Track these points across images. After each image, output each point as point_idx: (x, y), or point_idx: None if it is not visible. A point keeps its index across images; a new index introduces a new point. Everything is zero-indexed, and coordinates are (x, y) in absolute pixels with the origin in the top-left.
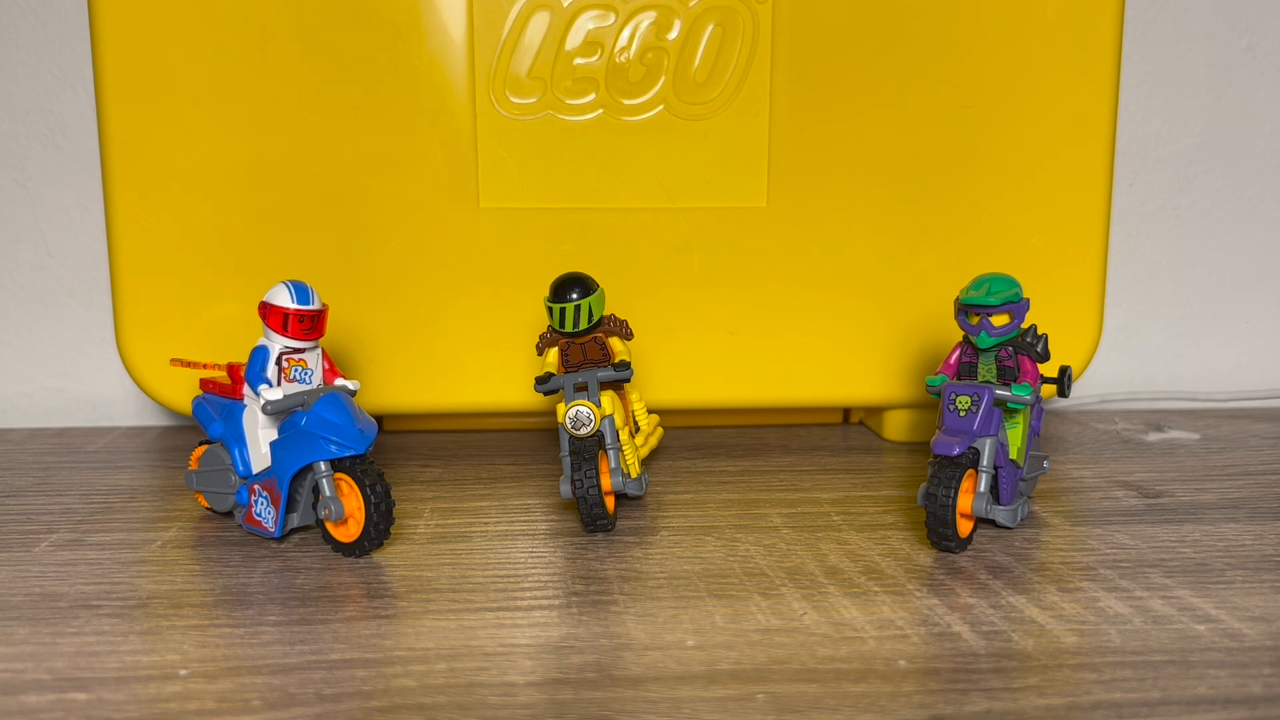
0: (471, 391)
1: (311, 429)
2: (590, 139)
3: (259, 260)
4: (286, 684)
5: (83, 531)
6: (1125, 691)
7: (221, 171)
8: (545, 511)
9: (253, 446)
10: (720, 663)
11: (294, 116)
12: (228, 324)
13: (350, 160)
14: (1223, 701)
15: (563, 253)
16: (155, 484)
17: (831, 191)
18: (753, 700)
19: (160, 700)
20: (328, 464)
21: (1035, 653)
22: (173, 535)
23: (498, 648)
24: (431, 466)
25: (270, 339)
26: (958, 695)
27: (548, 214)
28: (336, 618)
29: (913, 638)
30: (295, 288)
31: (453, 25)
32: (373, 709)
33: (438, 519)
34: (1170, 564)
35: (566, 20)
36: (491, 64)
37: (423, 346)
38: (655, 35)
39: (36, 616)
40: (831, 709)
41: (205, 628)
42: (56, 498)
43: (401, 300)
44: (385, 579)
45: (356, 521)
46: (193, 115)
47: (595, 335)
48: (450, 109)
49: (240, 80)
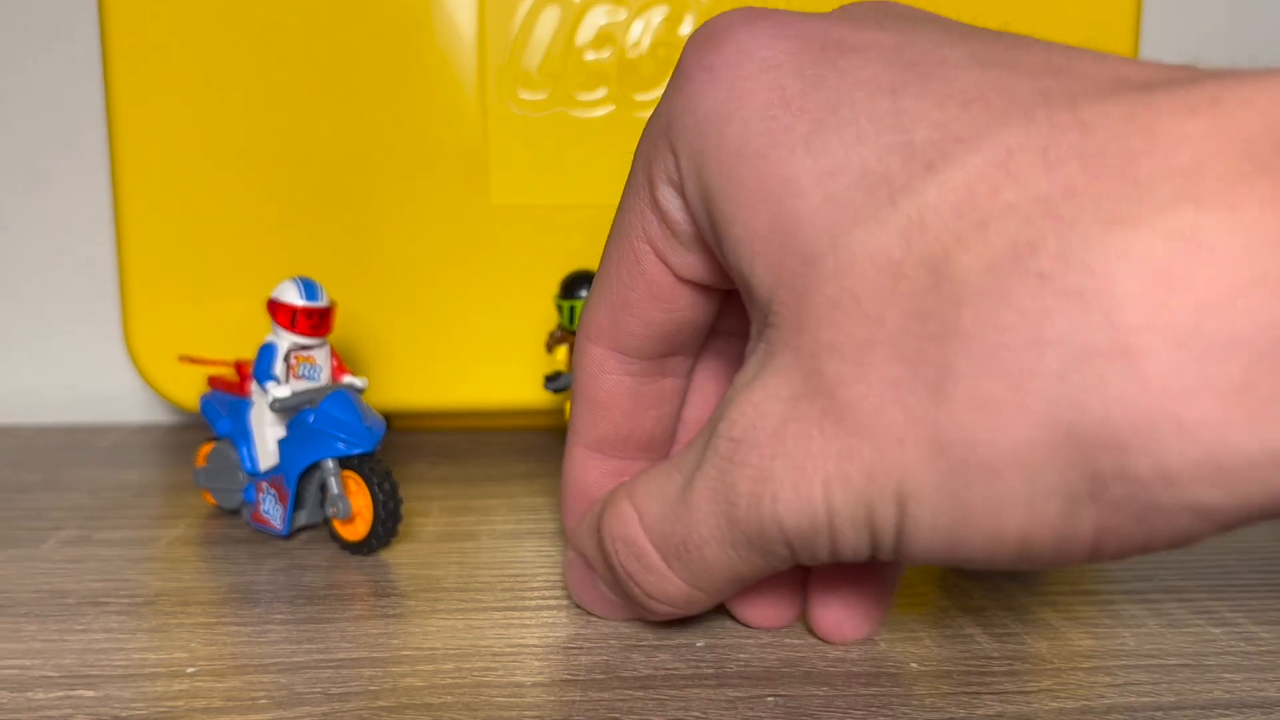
0: (480, 389)
1: (319, 426)
2: (602, 134)
3: (267, 257)
4: (294, 682)
5: (91, 528)
6: (1139, 695)
7: (230, 168)
8: (554, 510)
9: (260, 444)
10: (730, 664)
11: (304, 113)
12: (236, 321)
13: (360, 156)
14: (1238, 705)
15: (573, 249)
16: (163, 481)
17: None
18: (763, 702)
19: (168, 698)
20: (335, 462)
21: (1049, 655)
22: (180, 532)
23: (506, 647)
24: (440, 465)
25: (278, 336)
26: (970, 698)
27: (559, 210)
28: (344, 616)
29: (925, 640)
30: (303, 284)
31: (463, 21)
32: (380, 708)
33: (446, 517)
34: (1187, 567)
35: (577, 15)
36: (502, 60)
37: (431, 344)
38: (667, 30)
39: (45, 613)
40: (842, 711)
41: (212, 625)
42: (64, 494)
43: (410, 297)
44: (393, 578)
45: (364, 519)
46: (201, 112)
47: None
48: (460, 105)
49: (250, 78)
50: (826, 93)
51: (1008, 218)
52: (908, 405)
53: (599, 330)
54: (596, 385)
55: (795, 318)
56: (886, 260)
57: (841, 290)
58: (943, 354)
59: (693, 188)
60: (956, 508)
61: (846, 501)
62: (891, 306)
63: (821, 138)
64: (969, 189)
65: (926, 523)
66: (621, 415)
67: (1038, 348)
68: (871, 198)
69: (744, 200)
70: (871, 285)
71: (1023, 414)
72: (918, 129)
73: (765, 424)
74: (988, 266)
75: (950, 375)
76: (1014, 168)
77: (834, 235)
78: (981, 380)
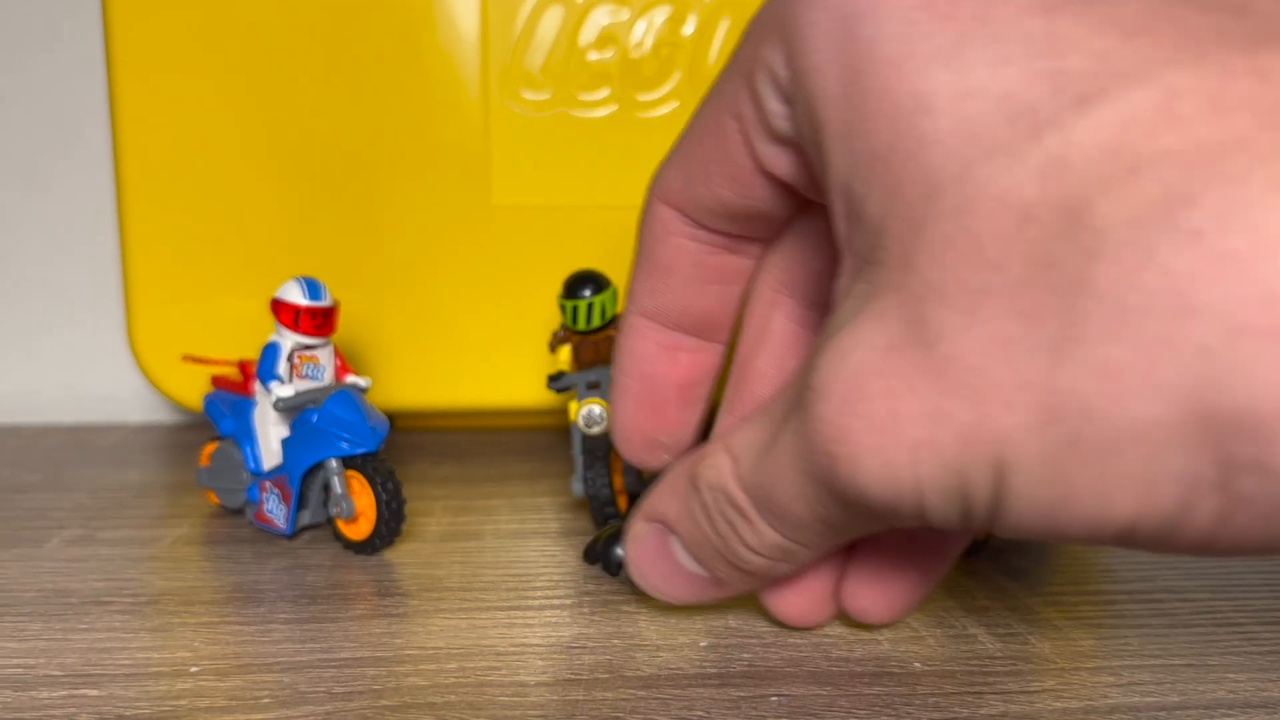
0: (483, 389)
1: (323, 426)
2: (604, 135)
3: (270, 256)
4: (297, 682)
5: (94, 528)
6: (1143, 695)
7: (233, 168)
8: (557, 510)
9: (263, 443)
10: (734, 664)
11: (306, 113)
12: (239, 320)
13: (362, 156)
14: (1241, 705)
15: (576, 249)
16: (166, 480)
17: None
18: (766, 702)
19: (171, 697)
20: (339, 461)
21: (1052, 655)
22: (183, 532)
23: (509, 647)
24: (443, 464)
25: (282, 335)
26: (973, 698)
27: (561, 210)
28: (347, 616)
29: (928, 639)
30: (307, 284)
31: (466, 21)
32: (383, 707)
33: (449, 517)
34: (1189, 566)
35: (580, 15)
36: (505, 60)
37: (434, 344)
38: (669, 30)
39: (48, 612)
40: (846, 711)
41: (216, 625)
42: (67, 494)
43: (413, 297)
44: (396, 577)
45: (367, 519)
46: (204, 111)
47: (608, 333)
48: (463, 105)
49: (253, 77)
50: (975, 2)
51: (1164, 165)
52: (1018, 366)
53: (670, 190)
54: (661, 246)
55: (904, 255)
56: (1018, 200)
57: (961, 228)
58: (1067, 311)
59: (802, 90)
60: (1062, 483)
61: (936, 470)
62: (1015, 252)
63: (964, 53)
64: (1123, 129)
65: (1026, 497)
66: (683, 282)
67: (1180, 315)
68: (1012, 128)
69: (865, 112)
70: (996, 226)
71: (1153, 387)
72: (1073, 56)
73: (850, 377)
74: (1133, 217)
75: (1073, 336)
76: (1178, 111)
77: (963, 165)
78: (1109, 345)
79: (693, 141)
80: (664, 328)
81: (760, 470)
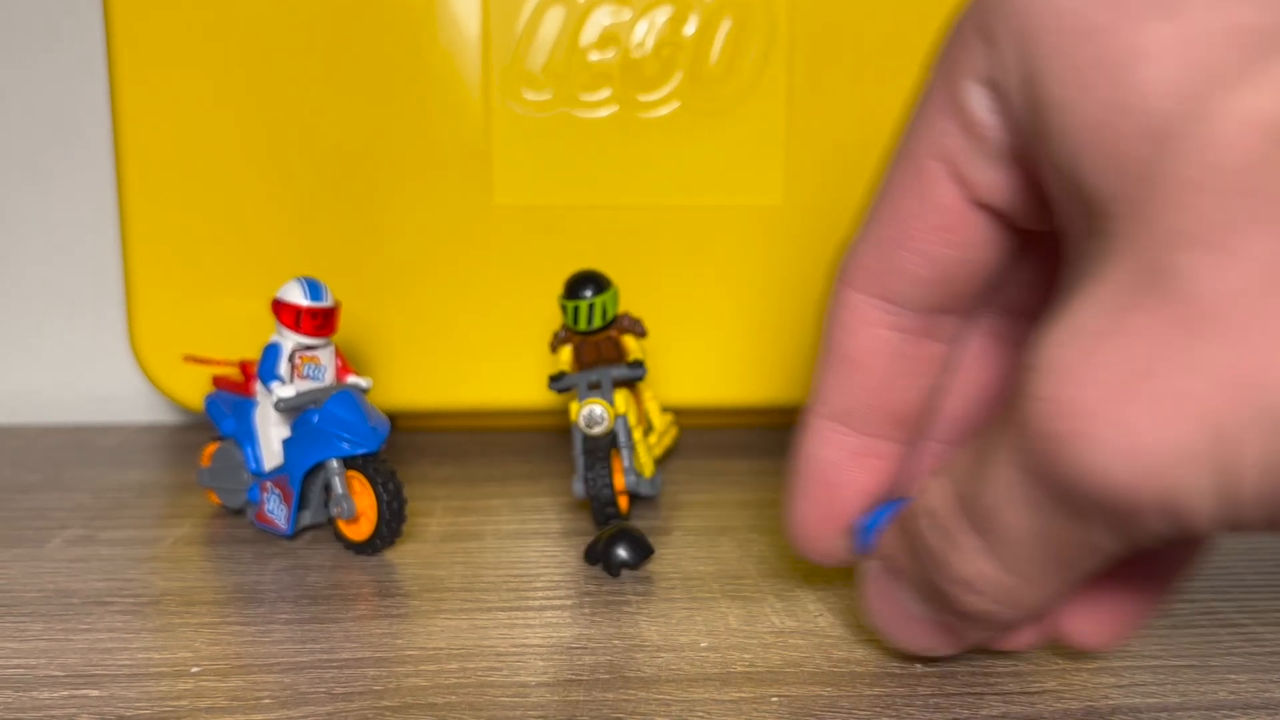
0: (484, 390)
1: (324, 426)
2: (605, 135)
3: (272, 257)
4: (298, 682)
5: (95, 528)
6: (1144, 696)
7: (234, 167)
8: (558, 511)
9: (264, 444)
10: (734, 664)
11: (307, 113)
12: (240, 320)
13: (364, 157)
14: (1243, 706)
15: (577, 249)
16: (167, 481)
17: (849, 188)
18: (767, 702)
19: (172, 697)
20: (340, 462)
21: (1053, 656)
22: (184, 532)
23: (510, 647)
24: (443, 465)
25: (283, 335)
26: (974, 699)
27: (562, 210)
28: (348, 616)
29: None
30: (308, 284)
31: (467, 21)
32: (384, 708)
33: (450, 518)
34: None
35: (581, 15)
36: (506, 60)
37: (435, 344)
38: (671, 30)
39: (49, 612)
40: (846, 711)
41: (217, 625)
42: (68, 494)
43: (414, 297)
44: (397, 578)
45: (368, 519)
46: (205, 111)
47: (609, 333)
48: (464, 105)
49: (254, 77)
50: None
51: None
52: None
53: (863, 272)
54: (852, 340)
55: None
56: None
57: (1200, 167)
58: None
59: (1016, 77)
60: None
61: (1193, 431)
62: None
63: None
64: None
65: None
66: (877, 379)
67: None
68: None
69: (1077, 80)
70: (1243, 153)
71: None
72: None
73: (1077, 344)
74: None
75: None
76: None
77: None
78: None
79: (885, 208)
80: (852, 432)
81: (972, 478)
